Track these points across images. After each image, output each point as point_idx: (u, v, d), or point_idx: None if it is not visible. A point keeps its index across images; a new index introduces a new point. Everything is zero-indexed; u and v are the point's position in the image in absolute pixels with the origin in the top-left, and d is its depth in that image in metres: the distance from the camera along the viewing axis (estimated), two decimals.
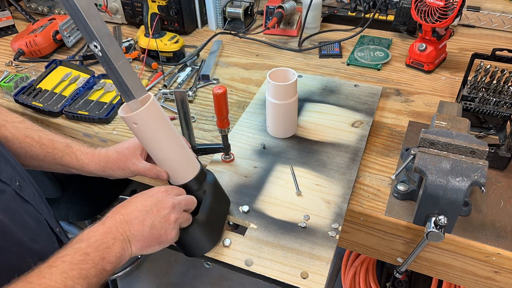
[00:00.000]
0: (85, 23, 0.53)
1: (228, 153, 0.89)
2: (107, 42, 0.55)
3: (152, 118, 0.62)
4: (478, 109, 0.93)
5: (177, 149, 0.68)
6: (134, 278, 1.98)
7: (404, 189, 0.80)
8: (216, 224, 0.73)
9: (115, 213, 0.63)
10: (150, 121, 0.62)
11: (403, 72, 1.21)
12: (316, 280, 0.66)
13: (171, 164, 0.69)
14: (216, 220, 0.73)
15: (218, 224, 0.74)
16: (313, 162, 0.88)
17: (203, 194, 0.71)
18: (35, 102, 1.11)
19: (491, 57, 0.94)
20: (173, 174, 0.70)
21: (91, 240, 0.58)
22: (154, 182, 1.07)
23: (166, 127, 0.65)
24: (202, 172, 0.72)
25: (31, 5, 1.61)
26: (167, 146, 0.66)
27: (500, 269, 0.75)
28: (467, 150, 0.69)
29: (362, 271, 1.49)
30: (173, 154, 0.67)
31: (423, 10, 1.09)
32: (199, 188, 0.71)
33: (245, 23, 1.46)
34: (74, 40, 1.39)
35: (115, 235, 0.60)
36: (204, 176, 0.73)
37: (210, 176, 0.74)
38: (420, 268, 0.84)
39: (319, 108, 1.03)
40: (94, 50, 0.55)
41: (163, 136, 0.65)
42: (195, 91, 1.16)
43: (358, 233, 0.85)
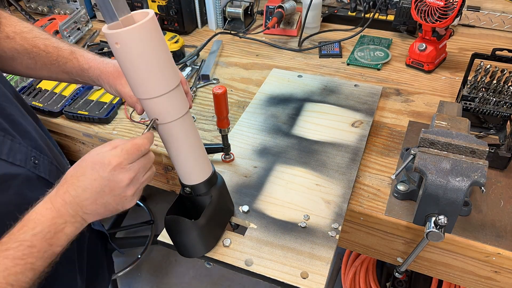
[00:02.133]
0: None
1: (228, 153, 0.89)
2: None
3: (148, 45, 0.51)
4: (478, 109, 0.93)
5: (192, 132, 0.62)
6: (134, 278, 1.98)
7: (404, 189, 0.80)
8: (216, 229, 0.72)
9: (65, 192, 0.56)
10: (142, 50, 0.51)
11: (403, 72, 1.21)
12: (316, 280, 0.66)
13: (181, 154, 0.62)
14: (216, 225, 0.72)
15: (218, 229, 0.73)
16: (313, 162, 0.88)
17: (209, 199, 0.68)
18: (35, 102, 1.11)
19: (491, 57, 0.94)
20: (183, 167, 0.65)
21: (36, 230, 0.54)
22: (153, 182, 1.07)
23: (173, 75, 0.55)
24: (214, 175, 0.69)
25: (31, 5, 1.61)
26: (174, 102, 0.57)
27: (500, 269, 0.75)
28: (467, 150, 0.69)
29: (362, 271, 1.50)
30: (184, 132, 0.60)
31: (423, 10, 1.09)
32: (206, 192, 0.68)
33: (245, 23, 1.46)
34: (74, 40, 1.39)
35: (66, 219, 0.56)
36: (215, 180, 0.69)
37: (219, 180, 0.71)
38: (420, 268, 0.84)
39: (319, 108, 1.03)
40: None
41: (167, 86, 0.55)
42: (195, 91, 1.16)
43: (358, 233, 0.85)
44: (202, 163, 0.66)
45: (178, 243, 0.70)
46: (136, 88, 0.55)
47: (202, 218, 0.67)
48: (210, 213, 0.68)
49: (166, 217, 0.67)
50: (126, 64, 0.53)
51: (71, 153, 1.20)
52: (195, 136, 0.63)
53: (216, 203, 0.69)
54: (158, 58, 0.53)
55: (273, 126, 0.98)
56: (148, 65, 0.53)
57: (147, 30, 0.51)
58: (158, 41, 0.52)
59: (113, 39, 0.50)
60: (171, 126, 0.59)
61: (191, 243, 0.69)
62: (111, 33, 0.49)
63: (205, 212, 0.67)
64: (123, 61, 0.53)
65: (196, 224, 0.67)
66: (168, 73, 0.55)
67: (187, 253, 0.71)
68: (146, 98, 0.56)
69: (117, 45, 0.50)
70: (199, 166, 0.66)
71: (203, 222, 0.67)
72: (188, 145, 0.62)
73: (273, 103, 1.05)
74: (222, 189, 0.72)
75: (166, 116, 0.58)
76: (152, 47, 0.52)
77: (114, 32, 0.49)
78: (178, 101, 0.58)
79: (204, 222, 0.67)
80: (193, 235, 0.68)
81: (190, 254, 0.71)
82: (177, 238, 0.69)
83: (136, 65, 0.52)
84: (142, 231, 2.17)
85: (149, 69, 0.53)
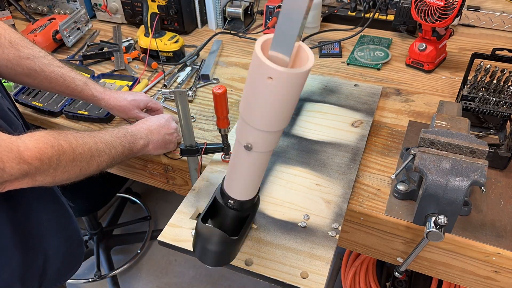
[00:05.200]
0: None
1: (228, 153, 0.89)
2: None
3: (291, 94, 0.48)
4: (478, 109, 0.93)
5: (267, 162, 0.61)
6: (134, 278, 1.98)
7: (404, 189, 0.80)
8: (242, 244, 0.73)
9: (141, 124, 0.90)
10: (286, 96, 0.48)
11: (403, 71, 1.21)
12: (316, 280, 0.66)
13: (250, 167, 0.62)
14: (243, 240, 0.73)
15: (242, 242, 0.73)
16: (313, 162, 0.88)
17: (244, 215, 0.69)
18: (35, 102, 1.11)
19: (491, 56, 0.94)
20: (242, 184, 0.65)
21: (129, 130, 0.85)
22: (153, 182, 1.07)
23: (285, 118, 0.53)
24: (258, 197, 0.70)
25: (31, 5, 1.61)
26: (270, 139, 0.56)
27: (500, 269, 0.75)
28: (467, 150, 0.69)
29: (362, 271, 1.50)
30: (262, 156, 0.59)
31: (423, 10, 1.09)
32: (246, 210, 0.68)
33: (245, 22, 1.46)
34: (74, 40, 1.39)
35: (141, 135, 0.87)
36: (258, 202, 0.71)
37: (258, 202, 0.72)
38: (420, 268, 0.84)
39: (319, 108, 1.03)
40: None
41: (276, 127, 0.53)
42: (195, 91, 1.16)
43: (358, 233, 0.85)
44: (256, 185, 0.66)
45: (206, 251, 0.68)
46: (260, 120, 0.53)
47: (241, 236, 0.68)
48: (245, 232, 0.69)
49: (201, 224, 0.67)
50: (263, 97, 0.49)
51: None
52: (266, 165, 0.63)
53: (250, 223, 0.71)
54: (291, 102, 0.51)
55: None
56: (283, 106, 0.50)
57: (303, 78, 0.47)
58: (301, 88, 0.50)
59: (271, 74, 0.45)
60: (262, 155, 0.59)
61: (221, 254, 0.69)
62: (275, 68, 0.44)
63: (243, 231, 0.68)
64: (262, 94, 0.49)
65: (235, 241, 0.67)
66: (288, 116, 0.53)
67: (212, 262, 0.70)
68: (262, 130, 0.54)
69: (270, 80, 0.46)
70: (253, 186, 0.66)
71: (240, 240, 0.68)
72: (260, 171, 0.63)
73: None
74: (256, 211, 0.74)
75: (265, 147, 0.57)
76: (295, 92, 0.49)
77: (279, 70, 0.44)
78: (276, 140, 0.58)
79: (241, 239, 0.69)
80: (227, 248, 0.68)
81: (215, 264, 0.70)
82: (207, 247, 0.68)
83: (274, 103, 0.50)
84: (139, 228, 2.17)
85: (282, 109, 0.51)
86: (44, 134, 0.65)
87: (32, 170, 0.62)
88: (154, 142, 0.89)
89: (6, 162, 0.58)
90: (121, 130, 0.84)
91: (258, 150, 0.57)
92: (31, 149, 0.61)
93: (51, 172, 0.66)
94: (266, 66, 0.45)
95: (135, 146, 0.85)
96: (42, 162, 0.63)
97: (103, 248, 1.99)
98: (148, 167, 1.02)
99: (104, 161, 0.77)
